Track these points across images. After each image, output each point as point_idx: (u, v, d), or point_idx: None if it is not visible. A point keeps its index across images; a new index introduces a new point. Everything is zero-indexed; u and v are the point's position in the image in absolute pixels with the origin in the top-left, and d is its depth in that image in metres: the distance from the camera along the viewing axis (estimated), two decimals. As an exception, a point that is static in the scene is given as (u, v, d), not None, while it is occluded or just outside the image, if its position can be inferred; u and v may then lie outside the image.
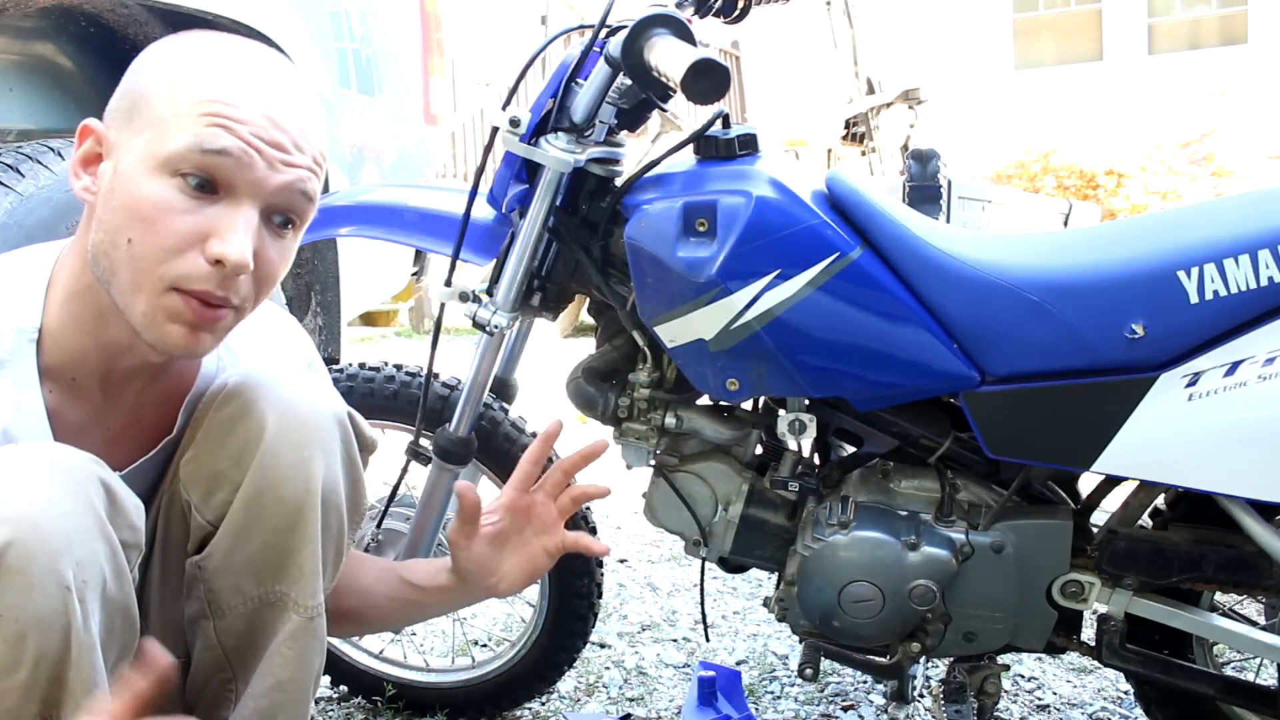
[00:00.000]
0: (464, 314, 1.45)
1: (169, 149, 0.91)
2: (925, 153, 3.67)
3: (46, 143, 1.83)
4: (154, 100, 0.93)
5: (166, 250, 0.92)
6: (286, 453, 1.01)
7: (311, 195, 0.98)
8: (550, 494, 1.24)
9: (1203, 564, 1.32)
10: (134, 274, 0.93)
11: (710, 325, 1.31)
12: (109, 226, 0.93)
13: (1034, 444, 1.30)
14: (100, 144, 0.96)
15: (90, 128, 0.96)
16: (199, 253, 0.93)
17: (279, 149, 0.95)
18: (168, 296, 0.93)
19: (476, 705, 1.80)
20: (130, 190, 0.92)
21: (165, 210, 0.92)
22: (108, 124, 0.96)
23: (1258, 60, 11.09)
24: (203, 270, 0.93)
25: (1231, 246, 1.21)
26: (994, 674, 1.43)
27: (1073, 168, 8.14)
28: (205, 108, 0.92)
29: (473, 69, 8.57)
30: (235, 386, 1.03)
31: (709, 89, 1.18)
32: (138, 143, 0.93)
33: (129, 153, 0.93)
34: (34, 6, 2.01)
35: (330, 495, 1.04)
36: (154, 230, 0.91)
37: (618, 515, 2.97)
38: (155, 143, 0.92)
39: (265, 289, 1.00)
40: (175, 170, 0.92)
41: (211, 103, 0.92)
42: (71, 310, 0.98)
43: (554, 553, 1.23)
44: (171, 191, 0.92)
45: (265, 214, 0.96)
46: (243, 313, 0.99)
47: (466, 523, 1.20)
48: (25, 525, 0.83)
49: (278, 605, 1.05)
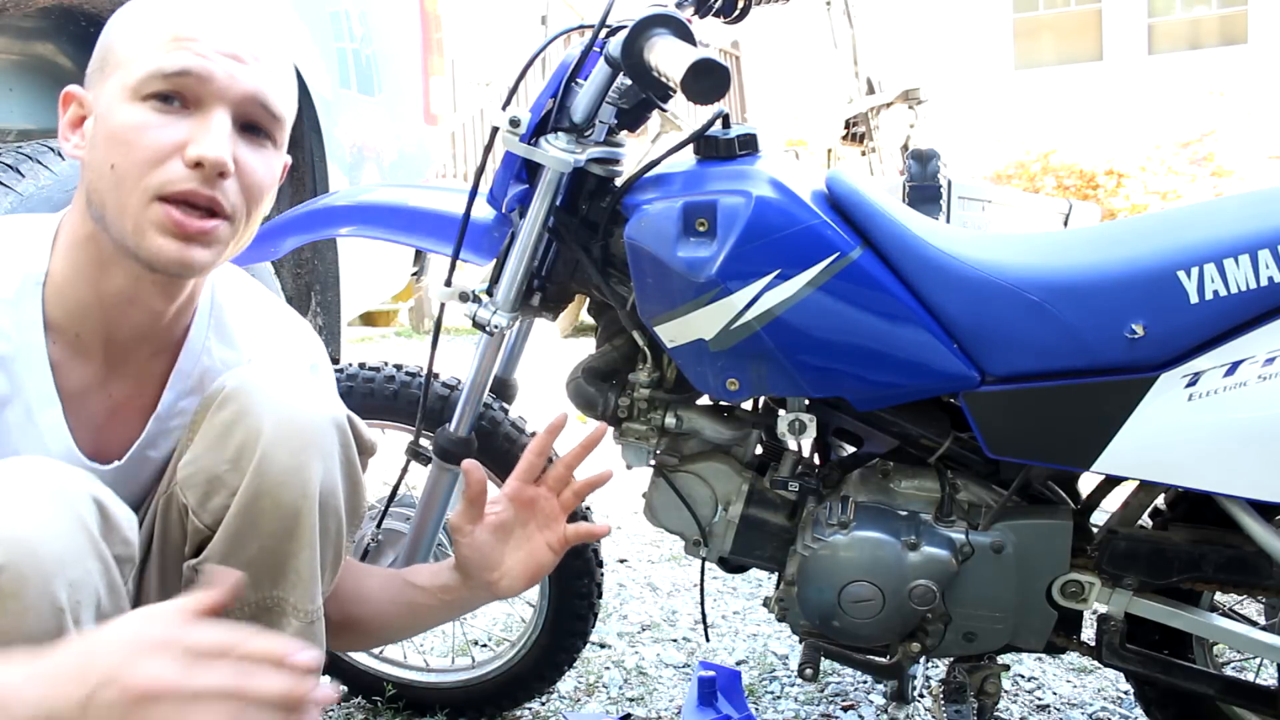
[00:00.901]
0: (464, 314, 1.45)
1: (136, 77, 0.96)
2: (925, 153, 3.67)
3: (46, 143, 1.83)
4: (119, 46, 0.99)
5: (146, 163, 0.95)
6: (284, 457, 1.00)
7: (274, 110, 1.01)
8: (553, 488, 1.23)
9: (1203, 564, 1.32)
10: (120, 194, 0.96)
11: (710, 325, 1.31)
12: (95, 164, 0.98)
13: (1034, 444, 1.30)
14: (82, 105, 1.01)
15: (72, 93, 1.01)
16: (178, 160, 0.96)
17: (236, 60, 0.98)
18: (153, 208, 0.96)
19: (476, 705, 1.80)
20: (109, 125, 0.97)
21: (140, 129, 0.96)
22: (87, 87, 1.01)
23: (1258, 60, 11.09)
24: (183, 173, 0.96)
25: (1231, 246, 1.21)
26: (994, 674, 1.43)
27: (1073, 168, 8.14)
28: (165, 35, 0.97)
29: (473, 69, 8.57)
30: (233, 389, 1.03)
31: (709, 89, 1.18)
32: (109, 85, 0.98)
33: (103, 97, 0.98)
34: (34, 6, 2.01)
35: (328, 499, 1.04)
36: (132, 149, 0.95)
37: (618, 515, 2.97)
38: (124, 78, 0.97)
39: (254, 201, 1.02)
40: (143, 95, 0.96)
41: (170, 30, 0.97)
42: (73, 260, 1.01)
43: (558, 548, 1.22)
44: (143, 113, 0.96)
45: (237, 123, 0.99)
46: (235, 225, 1.00)
47: (471, 504, 1.19)
48: (18, 548, 0.82)
49: (276, 611, 1.04)
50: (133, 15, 1.00)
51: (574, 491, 1.23)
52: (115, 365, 1.06)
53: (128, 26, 0.99)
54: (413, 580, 1.25)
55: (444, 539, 1.68)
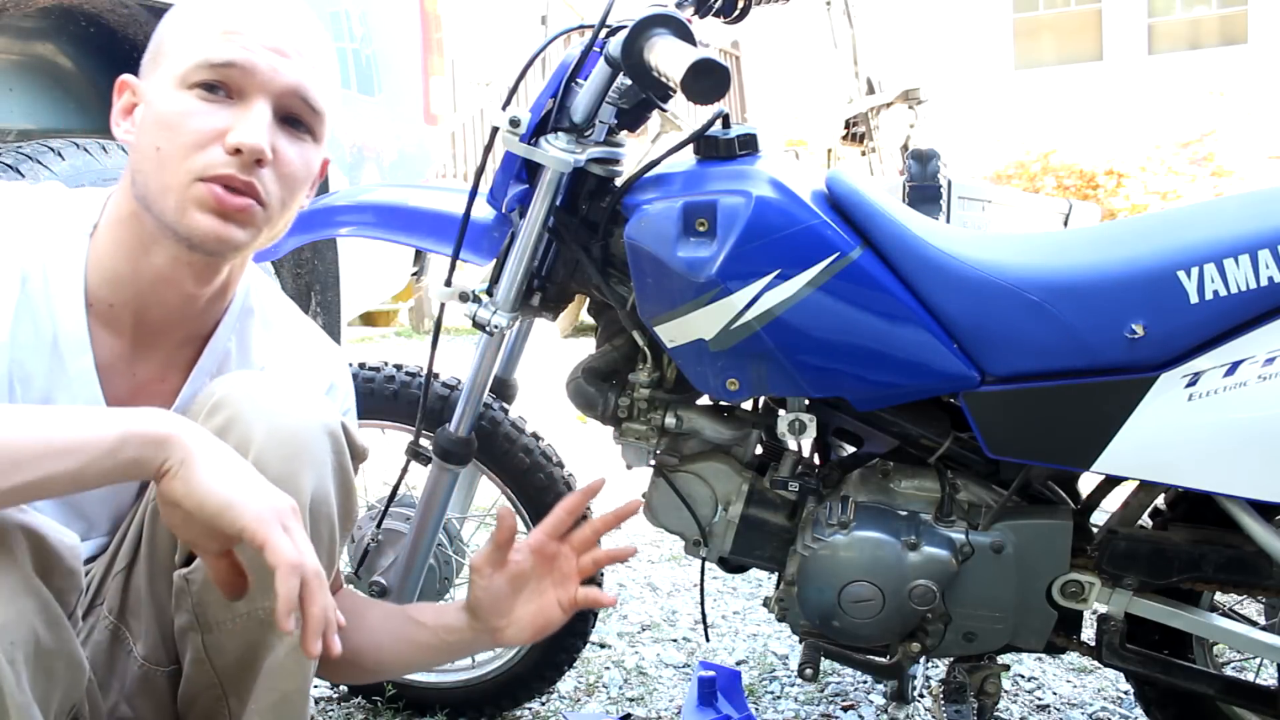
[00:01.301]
0: (464, 314, 1.45)
1: (184, 67, 1.01)
2: (925, 153, 3.66)
3: (46, 143, 1.83)
4: (170, 39, 1.04)
5: (189, 147, 0.99)
6: (275, 465, 1.00)
7: (315, 104, 1.05)
8: (576, 549, 1.21)
9: (1203, 564, 1.32)
10: (163, 175, 1.00)
11: (710, 325, 1.31)
12: (141, 146, 1.02)
13: (1034, 444, 1.30)
14: (134, 94, 1.05)
15: (126, 82, 1.06)
16: (219, 145, 1.00)
17: (280, 54, 1.02)
18: (194, 187, 1.00)
19: (476, 705, 1.80)
20: (156, 110, 1.01)
21: (184, 115, 1.00)
22: (140, 78, 1.05)
23: (1258, 60, 11.09)
24: (223, 158, 1.00)
25: (1231, 246, 1.21)
26: (994, 674, 1.43)
27: (1073, 168, 8.14)
28: (213, 28, 1.01)
29: (473, 69, 8.57)
30: (223, 396, 1.03)
31: (709, 89, 1.18)
32: (160, 75, 1.02)
33: (153, 86, 1.03)
34: (34, 6, 2.01)
35: (320, 507, 1.03)
36: (176, 133, 1.00)
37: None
38: (173, 68, 1.01)
39: (290, 191, 1.05)
40: (190, 84, 1.00)
41: (217, 24, 1.01)
42: (116, 235, 1.04)
43: (568, 608, 1.19)
44: (189, 100, 1.00)
45: (278, 115, 1.03)
46: (270, 211, 1.03)
47: (498, 549, 1.17)
48: None
49: (268, 622, 1.03)
50: (185, 10, 1.05)
51: (594, 559, 1.20)
52: (143, 346, 1.07)
53: (180, 20, 1.04)
54: (416, 617, 1.23)
55: (443, 539, 1.68)
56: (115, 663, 1.10)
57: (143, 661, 1.10)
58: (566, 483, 1.70)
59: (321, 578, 0.89)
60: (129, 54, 2.25)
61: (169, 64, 1.02)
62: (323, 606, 0.89)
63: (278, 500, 0.89)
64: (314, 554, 0.89)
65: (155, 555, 1.08)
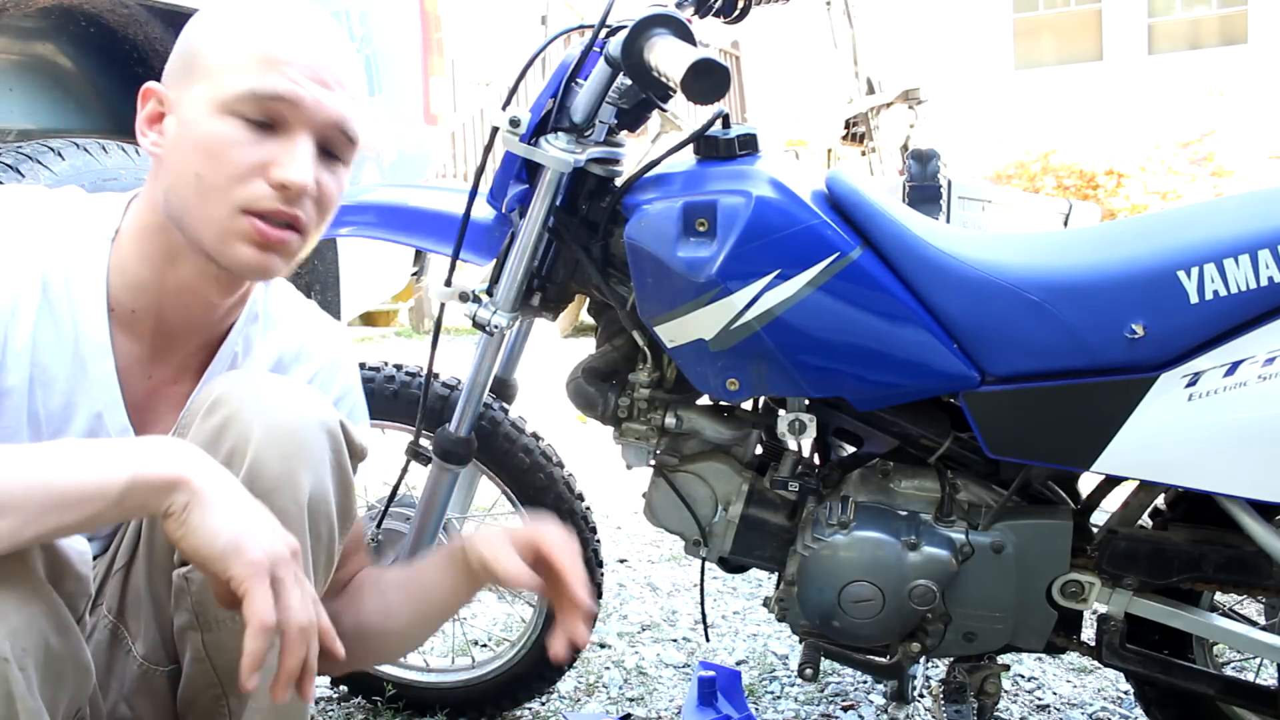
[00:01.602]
0: (464, 314, 1.45)
1: (227, 92, 0.98)
2: (925, 153, 3.67)
3: (46, 143, 1.83)
4: (208, 53, 1.01)
5: (233, 179, 0.99)
6: (274, 463, 1.00)
7: (352, 134, 1.05)
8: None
9: (1203, 564, 1.32)
10: (205, 203, 0.99)
11: (710, 325, 1.31)
12: (179, 168, 1.00)
13: (1034, 444, 1.30)
14: (162, 103, 1.02)
15: (151, 89, 1.03)
16: (263, 179, 1.00)
17: (324, 85, 1.01)
18: (237, 220, 1.00)
19: (476, 705, 1.80)
20: (196, 132, 0.99)
21: (229, 144, 0.99)
22: (166, 84, 1.03)
23: (1258, 60, 11.09)
24: (268, 192, 1.00)
25: (1231, 246, 1.21)
26: (994, 674, 1.43)
27: (1073, 168, 8.14)
28: (257, 54, 0.99)
29: (473, 69, 8.57)
30: (222, 394, 1.03)
31: (709, 89, 1.18)
32: (196, 91, 1.00)
33: (189, 102, 1.00)
34: (34, 6, 2.01)
35: (319, 505, 1.03)
36: (221, 163, 0.99)
37: (618, 515, 2.97)
38: (214, 89, 0.99)
39: (325, 215, 1.06)
40: (235, 112, 0.99)
41: (262, 49, 0.99)
42: (142, 245, 1.04)
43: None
44: (233, 129, 0.99)
45: (317, 145, 1.03)
46: (306, 238, 1.05)
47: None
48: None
49: None
50: (222, 23, 1.01)
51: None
52: (160, 350, 1.08)
53: (217, 34, 1.01)
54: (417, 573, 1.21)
55: (443, 539, 1.68)
56: (114, 663, 1.10)
57: (142, 661, 1.10)
58: (566, 483, 1.70)
59: (306, 632, 0.88)
60: (129, 54, 2.25)
61: (209, 84, 0.99)
62: (298, 660, 0.88)
63: (275, 546, 0.88)
64: (303, 606, 0.88)
65: (154, 554, 1.08)
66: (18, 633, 0.85)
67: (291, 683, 0.88)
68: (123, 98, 2.36)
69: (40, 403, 0.99)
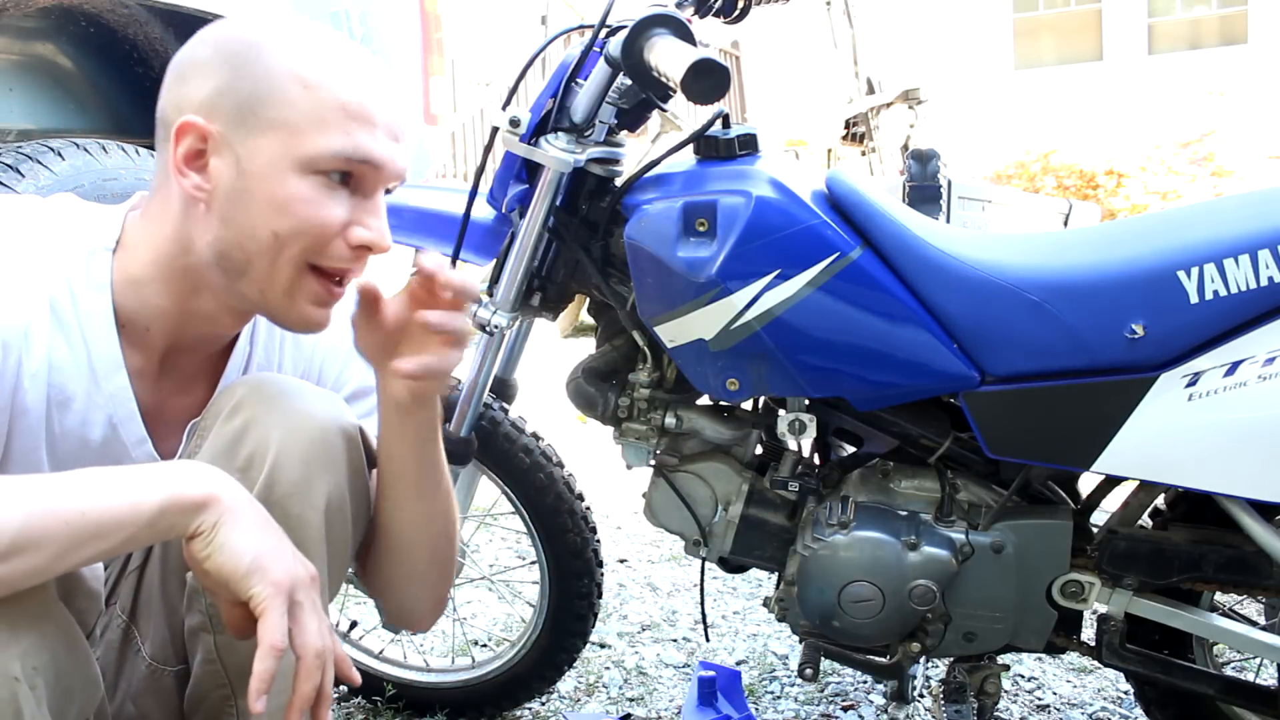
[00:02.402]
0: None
1: (312, 151, 0.95)
2: (925, 153, 3.66)
3: (46, 143, 1.83)
4: (278, 100, 0.95)
5: (315, 239, 0.97)
6: (293, 468, 1.00)
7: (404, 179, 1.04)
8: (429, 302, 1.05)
9: (1203, 564, 1.32)
10: (277, 263, 0.97)
11: (710, 325, 1.31)
12: (244, 223, 0.96)
13: (1034, 444, 1.30)
14: (205, 140, 0.96)
15: (194, 125, 0.95)
16: (342, 239, 0.98)
17: (396, 140, 1.00)
18: (309, 281, 0.99)
19: (476, 705, 1.80)
20: (272, 190, 0.95)
21: (311, 205, 0.96)
22: (212, 121, 0.95)
23: (1258, 60, 11.09)
24: (346, 254, 0.99)
25: (1231, 246, 1.21)
26: (994, 674, 1.43)
27: (1073, 168, 8.13)
28: (342, 112, 0.96)
29: (473, 69, 8.56)
30: (242, 398, 1.03)
31: (709, 89, 1.18)
32: (267, 143, 0.95)
33: (256, 152, 0.95)
34: (34, 6, 2.01)
35: (336, 511, 1.04)
36: (302, 224, 0.96)
37: (618, 515, 2.97)
38: (294, 146, 0.95)
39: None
40: (317, 169, 0.96)
41: (347, 108, 0.96)
42: (163, 283, 1.00)
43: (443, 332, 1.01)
44: (315, 189, 0.96)
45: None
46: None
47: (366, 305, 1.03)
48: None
49: None
50: (290, 67, 0.95)
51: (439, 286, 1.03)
52: (170, 362, 1.07)
53: (286, 81, 0.95)
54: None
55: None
56: (124, 662, 1.11)
57: (150, 661, 1.10)
58: (566, 483, 1.70)
59: (322, 657, 0.89)
60: (129, 54, 2.25)
61: (286, 138, 0.94)
62: (313, 686, 0.89)
63: (295, 570, 0.89)
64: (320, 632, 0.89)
65: (168, 556, 1.08)
66: (28, 652, 0.85)
67: (305, 709, 0.88)
68: (123, 98, 2.36)
69: (57, 422, 0.99)
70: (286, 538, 0.91)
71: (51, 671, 0.87)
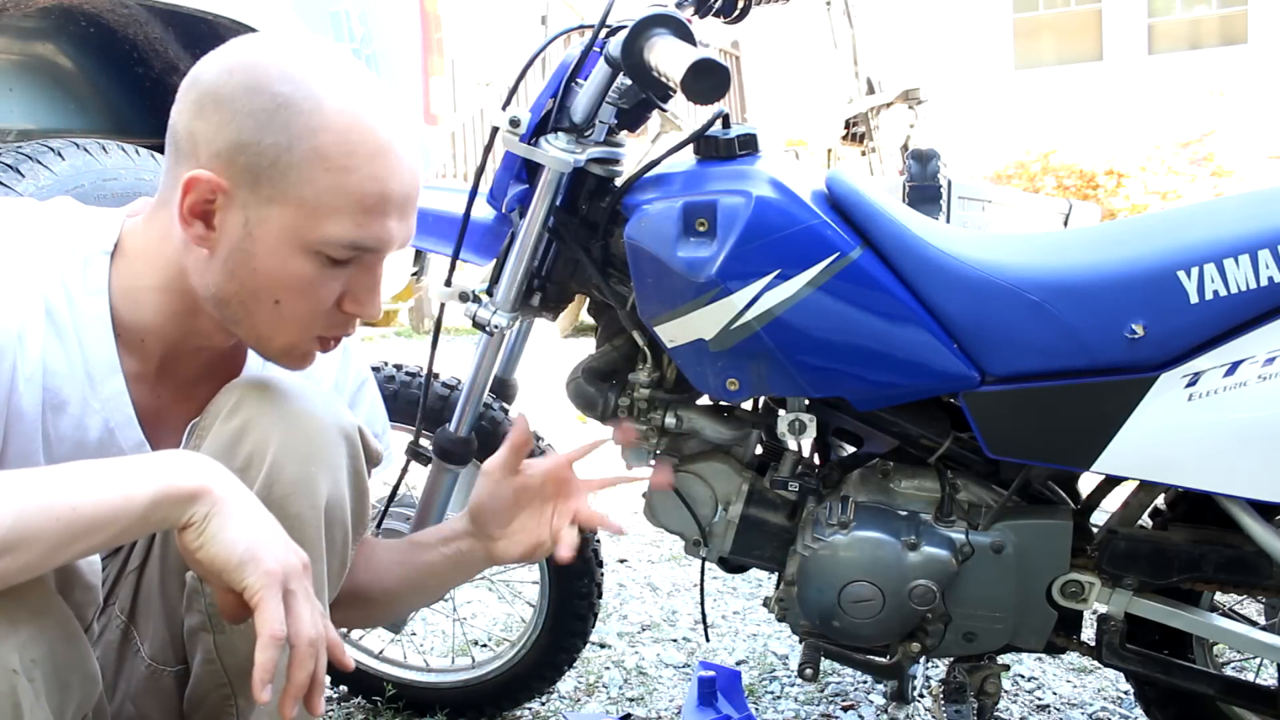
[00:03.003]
0: (464, 314, 1.45)
1: (322, 237, 0.95)
2: (925, 153, 3.67)
3: (46, 143, 1.83)
4: (297, 176, 0.94)
5: (312, 314, 1.00)
6: (292, 468, 1.00)
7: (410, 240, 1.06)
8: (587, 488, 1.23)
9: (1203, 564, 1.32)
10: (276, 326, 1.00)
11: (710, 325, 1.31)
12: (246, 283, 0.98)
13: (1034, 444, 1.30)
14: (213, 199, 0.95)
15: (205, 180, 0.94)
16: (338, 309, 1.01)
17: (406, 216, 1.00)
18: (309, 343, 1.04)
19: (476, 705, 1.80)
20: (277, 264, 0.96)
21: (313, 284, 0.98)
22: (221, 173, 0.94)
23: (1258, 60, 11.09)
24: (341, 321, 1.03)
25: (1231, 246, 1.21)
26: (994, 674, 1.43)
27: (1073, 168, 8.14)
28: (358, 203, 0.95)
29: (473, 69, 8.56)
30: (241, 399, 1.03)
31: (709, 89, 1.18)
32: (278, 214, 0.94)
33: (266, 222, 0.95)
34: (34, 6, 2.01)
35: (335, 510, 1.04)
36: (302, 298, 0.98)
37: (618, 515, 2.96)
38: (303, 225, 0.95)
39: None
40: (324, 253, 0.97)
41: (364, 198, 0.95)
42: (163, 303, 1.02)
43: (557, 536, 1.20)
44: (318, 267, 0.97)
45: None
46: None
47: (513, 452, 1.19)
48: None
49: None
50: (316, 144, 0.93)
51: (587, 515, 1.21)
52: (167, 369, 1.07)
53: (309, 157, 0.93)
54: (418, 539, 1.26)
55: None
56: (123, 663, 1.11)
57: (150, 661, 1.10)
58: (566, 483, 1.70)
59: (315, 645, 0.89)
60: (129, 54, 2.25)
61: (299, 216, 0.94)
62: (307, 674, 0.88)
63: (288, 559, 0.89)
64: (312, 620, 0.89)
65: (167, 556, 1.08)
66: (26, 644, 0.85)
67: (300, 697, 0.88)
68: (123, 98, 2.36)
69: (53, 425, 0.98)
70: (279, 525, 0.91)
71: (50, 664, 0.87)
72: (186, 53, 2.28)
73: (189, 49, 2.28)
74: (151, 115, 2.36)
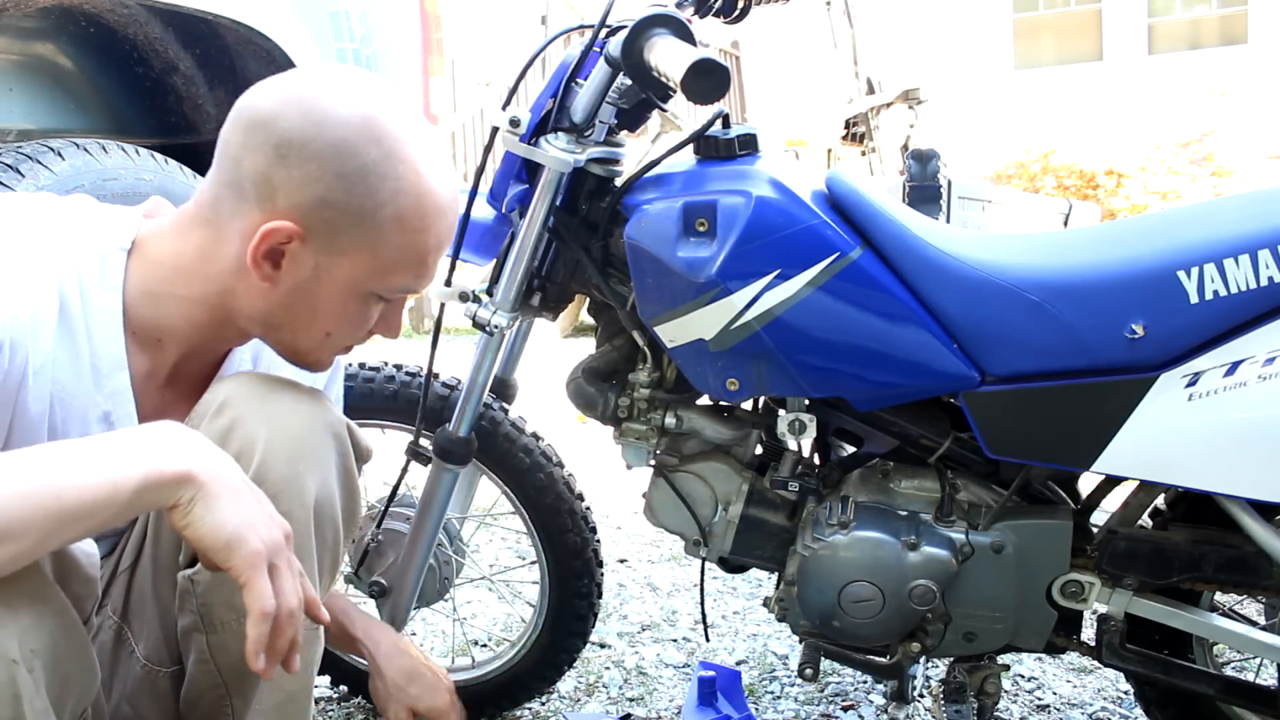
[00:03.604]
0: (464, 314, 1.45)
1: (385, 286, 1.04)
2: (925, 153, 3.67)
3: (46, 143, 1.82)
4: (373, 236, 1.01)
5: (353, 339, 1.09)
6: (280, 466, 1.00)
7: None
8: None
9: (1203, 564, 1.32)
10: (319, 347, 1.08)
11: (710, 325, 1.31)
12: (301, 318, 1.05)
13: (1034, 444, 1.30)
14: (285, 249, 1.00)
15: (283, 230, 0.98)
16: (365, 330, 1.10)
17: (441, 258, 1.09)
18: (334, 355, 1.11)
19: (476, 705, 1.79)
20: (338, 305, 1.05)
21: (364, 319, 1.08)
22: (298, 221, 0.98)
23: (1258, 60, 11.09)
24: (363, 339, 1.11)
25: (1231, 246, 1.21)
26: (994, 674, 1.43)
27: (1073, 168, 8.14)
28: (420, 260, 1.04)
29: (473, 69, 8.56)
30: (228, 398, 1.03)
31: (709, 89, 1.18)
32: (348, 263, 1.02)
33: (336, 269, 1.02)
34: (34, 6, 2.01)
35: (325, 508, 1.04)
36: (352, 330, 1.08)
37: (618, 515, 2.97)
38: (370, 275, 1.03)
39: None
40: (379, 294, 1.06)
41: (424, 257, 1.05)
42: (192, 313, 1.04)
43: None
44: (368, 304, 1.06)
45: None
46: None
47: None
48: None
49: None
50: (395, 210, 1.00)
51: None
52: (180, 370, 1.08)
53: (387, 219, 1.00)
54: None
55: (443, 539, 1.68)
56: (118, 663, 1.11)
57: (145, 662, 1.10)
58: (566, 483, 1.70)
59: (294, 615, 0.91)
60: (129, 54, 2.25)
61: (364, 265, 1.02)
62: (287, 640, 0.91)
63: (272, 534, 0.90)
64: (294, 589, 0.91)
65: (159, 556, 1.08)
66: (26, 634, 0.85)
67: (279, 660, 0.91)
68: (123, 98, 2.36)
69: (59, 419, 0.99)
70: (264, 499, 0.92)
71: (49, 655, 0.87)
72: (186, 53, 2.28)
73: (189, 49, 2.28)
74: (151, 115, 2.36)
